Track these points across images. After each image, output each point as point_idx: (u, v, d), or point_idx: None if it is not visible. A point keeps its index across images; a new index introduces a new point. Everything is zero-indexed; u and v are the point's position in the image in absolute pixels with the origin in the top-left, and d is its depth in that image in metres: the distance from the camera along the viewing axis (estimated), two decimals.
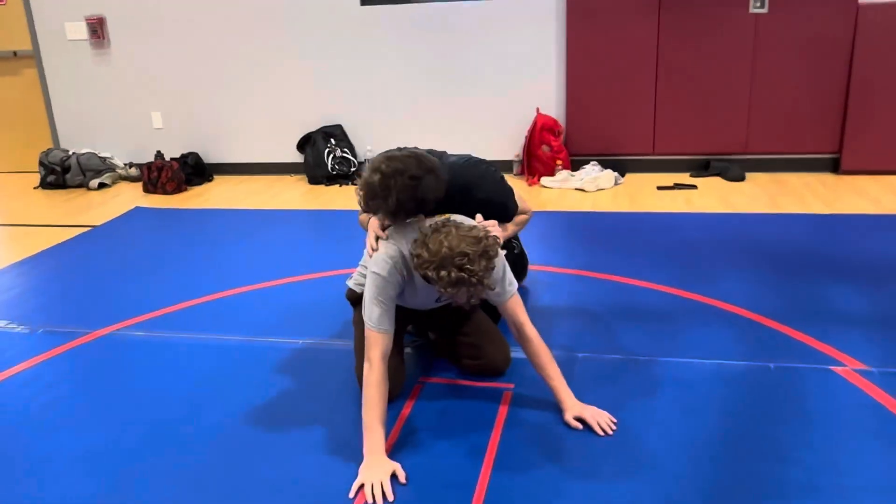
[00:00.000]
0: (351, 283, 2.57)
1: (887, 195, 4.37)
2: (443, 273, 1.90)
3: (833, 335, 2.63)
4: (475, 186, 2.45)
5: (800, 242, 3.64)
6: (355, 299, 2.52)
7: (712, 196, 4.56)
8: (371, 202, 2.15)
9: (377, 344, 2.13)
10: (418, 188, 2.10)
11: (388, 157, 2.16)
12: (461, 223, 2.05)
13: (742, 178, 4.85)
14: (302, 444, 2.17)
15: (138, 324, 3.07)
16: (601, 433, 2.10)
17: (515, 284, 2.28)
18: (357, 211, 2.57)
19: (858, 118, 4.74)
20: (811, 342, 2.59)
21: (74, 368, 2.74)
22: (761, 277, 3.21)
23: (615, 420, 2.14)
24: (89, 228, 4.53)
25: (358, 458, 2.05)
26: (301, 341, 2.82)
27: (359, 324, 2.40)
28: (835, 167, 4.92)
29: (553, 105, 5.16)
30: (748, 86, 4.86)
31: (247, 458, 2.12)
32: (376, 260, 2.16)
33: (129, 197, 5.32)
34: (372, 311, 2.13)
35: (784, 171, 4.98)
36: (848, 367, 2.40)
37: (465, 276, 1.90)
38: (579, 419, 2.14)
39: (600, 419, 2.13)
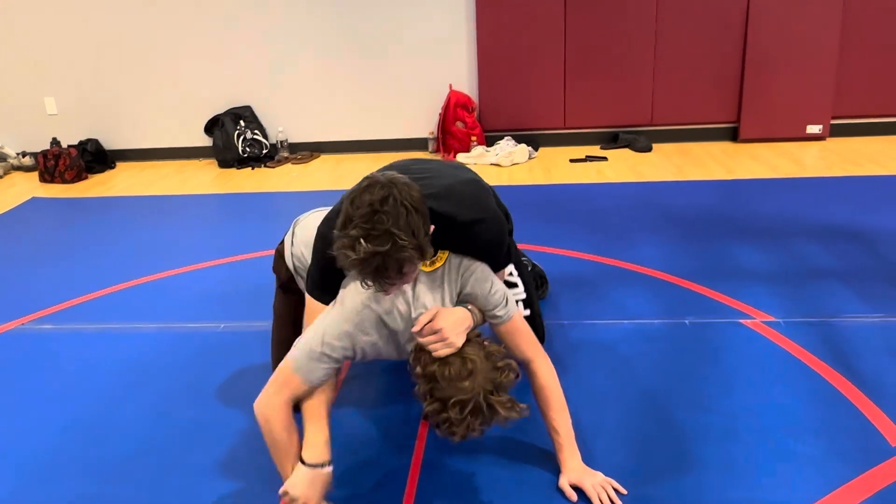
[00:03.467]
0: (288, 257, 2.13)
1: (782, 160, 4.62)
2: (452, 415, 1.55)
3: (741, 291, 2.77)
4: (480, 224, 1.78)
5: (705, 207, 3.80)
6: (284, 275, 2.17)
7: (622, 167, 4.70)
8: (372, 272, 1.53)
9: (289, 386, 1.69)
10: (400, 203, 1.51)
11: (331, 216, 1.70)
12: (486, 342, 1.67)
13: (649, 149, 5.03)
14: (231, 428, 2.12)
15: (45, 317, 2.91)
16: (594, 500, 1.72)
17: (513, 304, 1.83)
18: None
19: (753, 89, 4.98)
20: (721, 298, 2.73)
21: None
22: (672, 241, 3.34)
23: (624, 491, 1.75)
24: None
25: None
26: (222, 325, 2.75)
27: (279, 310, 2.23)
28: (734, 136, 5.16)
29: (466, 82, 5.18)
30: (651, 60, 5.02)
31: (173, 446, 2.05)
32: (350, 304, 1.71)
33: (25, 188, 5.01)
34: (310, 352, 1.68)
35: (687, 141, 5.18)
36: (756, 320, 2.54)
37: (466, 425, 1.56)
38: (576, 487, 1.75)
39: (602, 493, 1.72)
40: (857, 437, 1.91)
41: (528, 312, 2.23)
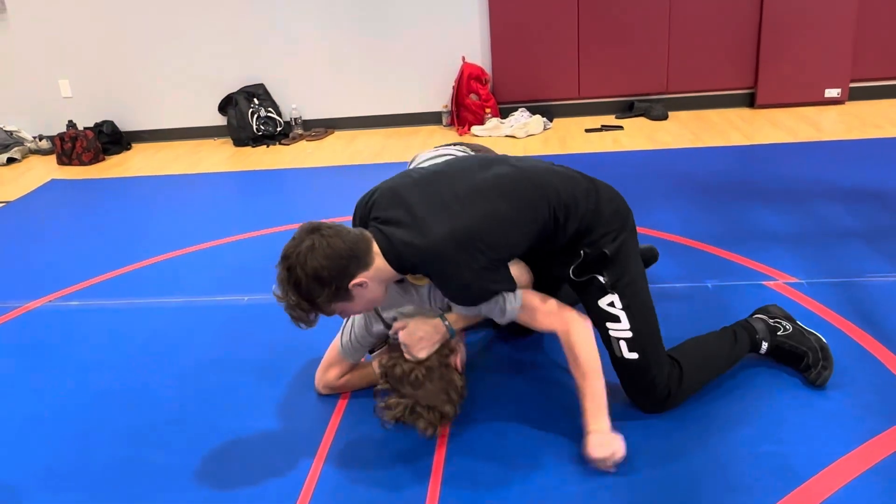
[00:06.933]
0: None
1: (801, 125, 4.57)
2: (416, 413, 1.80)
3: (762, 253, 2.76)
4: (443, 274, 1.73)
5: (724, 172, 3.78)
6: None
7: (638, 135, 4.67)
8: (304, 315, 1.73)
9: (337, 365, 2.07)
10: (295, 269, 1.71)
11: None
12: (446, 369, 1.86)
13: (665, 117, 4.98)
14: (260, 395, 2.15)
15: (71, 294, 2.96)
16: (598, 466, 1.72)
17: (511, 304, 1.78)
18: None
19: (770, 54, 4.91)
20: (743, 261, 2.72)
21: (8, 342, 2.62)
22: (691, 206, 3.32)
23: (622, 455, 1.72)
24: (3, 204, 4.29)
25: (310, 404, 2.06)
26: (246, 298, 2.78)
27: None
28: (751, 102, 5.10)
29: (479, 53, 5.15)
30: (666, 27, 4.96)
31: (204, 413, 2.09)
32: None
33: (43, 170, 5.05)
34: (345, 341, 2.02)
35: (704, 108, 5.13)
36: (779, 281, 2.54)
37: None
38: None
39: (596, 454, 1.70)
40: (882, 392, 1.91)
41: (635, 356, 1.85)
